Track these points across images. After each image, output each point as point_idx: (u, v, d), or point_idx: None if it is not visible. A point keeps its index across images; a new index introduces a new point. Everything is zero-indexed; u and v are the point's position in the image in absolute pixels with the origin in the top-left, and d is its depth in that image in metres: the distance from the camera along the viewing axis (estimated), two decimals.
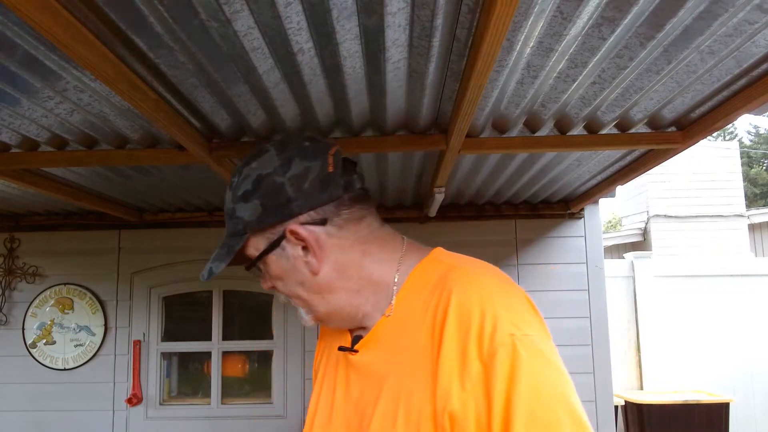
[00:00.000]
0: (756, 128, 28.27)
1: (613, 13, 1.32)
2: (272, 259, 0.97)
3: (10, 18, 1.22)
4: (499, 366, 0.76)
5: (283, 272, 0.97)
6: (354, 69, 1.57)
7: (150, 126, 1.94)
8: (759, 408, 6.50)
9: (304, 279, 0.96)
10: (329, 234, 0.94)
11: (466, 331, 0.80)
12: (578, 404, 0.77)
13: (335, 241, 0.94)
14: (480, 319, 0.80)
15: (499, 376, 0.75)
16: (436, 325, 0.83)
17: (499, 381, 0.75)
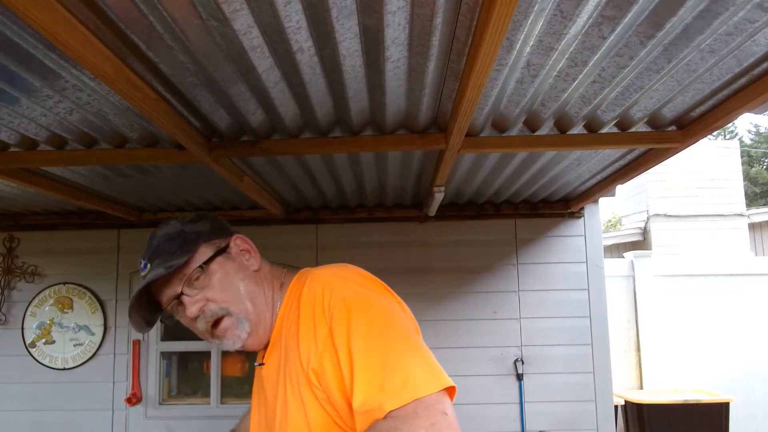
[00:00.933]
0: (756, 127, 28.24)
1: (613, 12, 1.32)
2: (219, 262, 1.18)
3: (9, 18, 1.22)
4: (337, 322, 1.01)
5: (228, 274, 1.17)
6: (353, 68, 1.57)
7: (149, 125, 1.94)
8: (759, 408, 6.49)
9: (246, 277, 1.20)
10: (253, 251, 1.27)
11: (312, 306, 1.07)
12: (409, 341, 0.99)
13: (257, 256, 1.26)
14: (321, 294, 1.07)
15: (338, 330, 1.00)
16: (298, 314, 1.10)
17: (340, 335, 0.99)
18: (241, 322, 1.16)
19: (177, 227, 1.20)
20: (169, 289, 1.17)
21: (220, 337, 1.16)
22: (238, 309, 1.16)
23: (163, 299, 1.19)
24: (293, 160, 2.49)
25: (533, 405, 3.52)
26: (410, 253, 3.65)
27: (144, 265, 1.18)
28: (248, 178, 2.60)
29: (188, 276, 1.15)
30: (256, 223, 3.62)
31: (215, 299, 1.15)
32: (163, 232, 1.20)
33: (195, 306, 1.15)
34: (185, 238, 1.18)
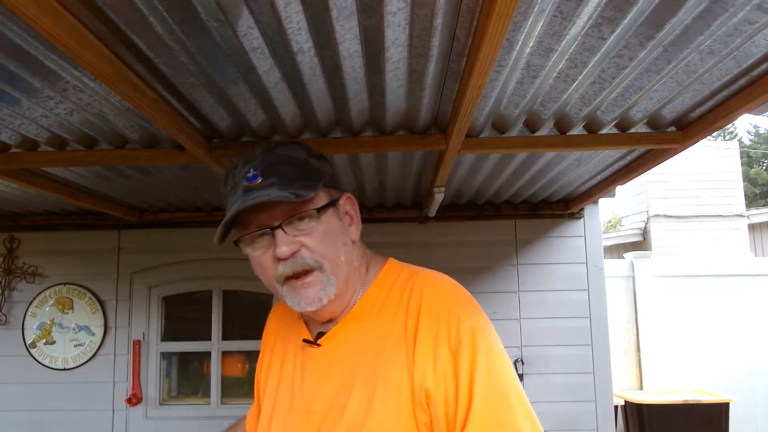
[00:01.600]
0: (756, 128, 28.27)
1: (612, 13, 1.32)
2: (329, 214, 1.06)
3: (10, 18, 1.22)
4: (464, 353, 0.96)
5: (332, 230, 1.05)
6: (354, 69, 1.57)
7: (149, 126, 1.94)
8: (759, 408, 6.49)
9: (346, 242, 1.09)
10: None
11: (436, 322, 0.99)
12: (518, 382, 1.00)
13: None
14: (447, 313, 1.00)
15: (464, 361, 0.96)
16: (410, 320, 1.01)
17: (464, 365, 0.95)
18: (330, 284, 1.04)
19: (302, 153, 1.07)
20: (267, 216, 1.02)
21: (298, 289, 1.03)
22: (332, 268, 1.04)
23: (254, 223, 1.04)
24: None
25: (533, 405, 3.46)
26: (410, 253, 3.65)
27: (253, 176, 1.02)
28: None
29: (298, 213, 1.02)
30: None
31: (313, 249, 1.02)
32: (286, 151, 1.06)
33: (289, 247, 1.01)
34: (309, 171, 1.05)
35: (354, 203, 1.14)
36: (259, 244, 1.05)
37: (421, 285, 1.06)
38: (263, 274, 1.07)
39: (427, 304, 1.01)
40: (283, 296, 1.05)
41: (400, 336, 1.01)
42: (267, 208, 1.01)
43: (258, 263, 1.07)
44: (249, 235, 1.05)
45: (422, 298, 1.03)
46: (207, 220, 3.61)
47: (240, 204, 0.99)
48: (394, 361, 0.99)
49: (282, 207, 1.01)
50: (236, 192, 1.04)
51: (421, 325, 0.99)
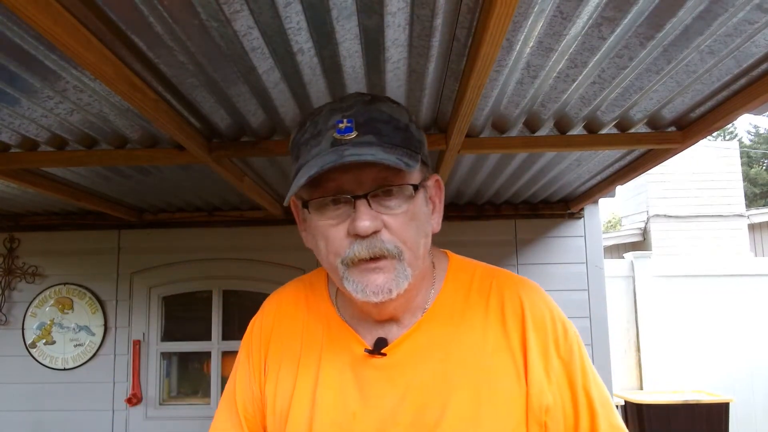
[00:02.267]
0: (756, 128, 28.27)
1: (612, 13, 1.32)
2: (419, 195, 0.89)
3: (10, 18, 1.22)
4: (575, 361, 0.91)
5: (419, 215, 0.89)
6: (354, 69, 1.57)
7: (150, 126, 1.94)
8: (759, 408, 6.49)
9: (428, 232, 0.92)
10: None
11: (544, 332, 0.90)
12: None
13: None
14: (551, 321, 0.92)
15: (576, 370, 0.91)
16: (511, 328, 0.91)
17: (577, 374, 0.91)
18: (404, 276, 0.86)
19: (404, 116, 0.91)
20: (351, 180, 0.84)
21: (367, 274, 0.85)
22: (410, 259, 0.87)
23: (331, 185, 0.84)
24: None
25: None
26: None
27: (347, 128, 0.84)
28: (248, 178, 2.60)
29: (391, 185, 0.84)
30: (257, 223, 3.62)
31: (396, 232, 0.85)
32: (387, 108, 0.89)
33: (372, 222, 0.82)
34: (411, 138, 0.89)
35: (442, 188, 0.98)
36: (331, 213, 0.86)
37: (513, 288, 0.95)
38: (326, 248, 0.87)
39: (531, 311, 0.91)
40: (342, 279, 0.86)
41: (501, 345, 0.90)
42: (354, 170, 0.83)
43: (323, 235, 0.87)
44: (320, 199, 0.86)
45: (522, 303, 0.92)
46: (207, 220, 3.61)
47: (336, 158, 0.80)
48: (500, 374, 0.88)
49: (372, 174, 0.84)
50: (320, 142, 0.85)
51: (529, 335, 0.90)
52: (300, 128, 0.92)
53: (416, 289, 0.93)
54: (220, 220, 3.61)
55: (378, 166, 0.83)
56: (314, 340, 0.97)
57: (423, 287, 0.95)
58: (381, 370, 0.91)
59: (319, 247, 0.90)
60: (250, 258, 3.63)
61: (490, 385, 0.87)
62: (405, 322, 0.94)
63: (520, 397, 0.87)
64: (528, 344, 0.89)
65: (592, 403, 0.90)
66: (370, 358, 0.91)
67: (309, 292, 1.04)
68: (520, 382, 0.88)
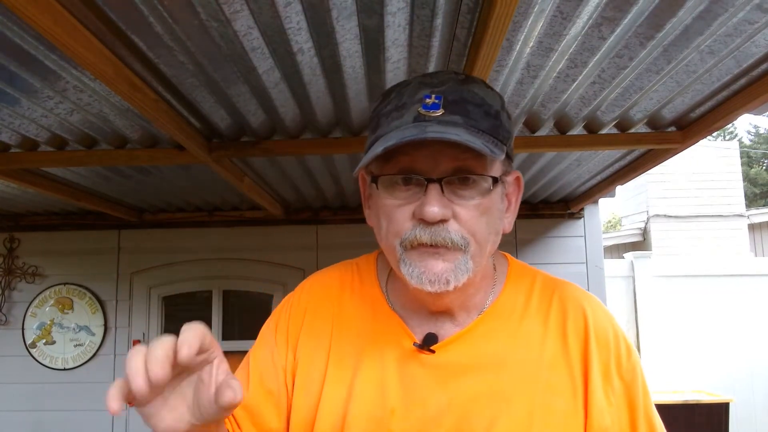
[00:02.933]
0: (756, 128, 28.27)
1: (612, 13, 1.32)
2: (496, 190, 0.83)
3: (10, 18, 1.22)
4: (637, 383, 0.86)
5: (492, 210, 0.83)
6: (354, 69, 1.57)
7: (150, 126, 1.94)
8: (759, 408, 6.49)
9: (498, 230, 0.86)
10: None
11: (607, 351, 0.86)
12: None
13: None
14: (615, 339, 0.87)
15: (638, 392, 0.86)
16: (573, 343, 0.86)
17: (639, 397, 0.85)
18: (465, 269, 0.80)
19: (497, 101, 0.83)
20: (427, 160, 0.78)
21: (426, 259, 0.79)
22: (475, 254, 0.81)
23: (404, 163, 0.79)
24: (294, 161, 2.49)
25: None
26: None
27: (434, 105, 0.78)
28: (248, 178, 2.60)
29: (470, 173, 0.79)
30: (257, 223, 3.62)
31: (465, 224, 0.79)
32: (480, 91, 0.82)
33: (441, 210, 0.77)
34: (500, 126, 0.82)
35: (521, 188, 0.91)
36: (400, 193, 0.80)
37: (577, 300, 0.90)
38: (388, 227, 0.82)
39: (595, 327, 0.87)
40: (399, 261, 0.81)
41: (560, 359, 0.85)
42: (433, 150, 0.78)
43: (386, 214, 0.82)
44: (390, 177, 0.80)
45: (587, 317, 0.87)
46: (207, 220, 3.61)
47: (417, 133, 0.75)
48: (556, 390, 0.83)
49: (451, 157, 0.78)
50: (402, 115, 0.79)
51: (592, 352, 0.85)
52: (384, 98, 0.86)
53: (476, 287, 0.88)
54: (220, 220, 3.61)
55: (459, 150, 0.77)
56: (356, 327, 0.91)
57: (483, 287, 0.90)
58: (429, 368, 0.85)
59: (380, 226, 0.84)
60: (250, 258, 3.63)
61: (545, 401, 0.82)
62: (460, 320, 0.88)
63: (575, 416, 0.82)
64: (590, 362, 0.84)
65: (654, 428, 0.86)
66: (417, 353, 0.85)
67: (356, 275, 0.97)
68: (576, 401, 0.83)
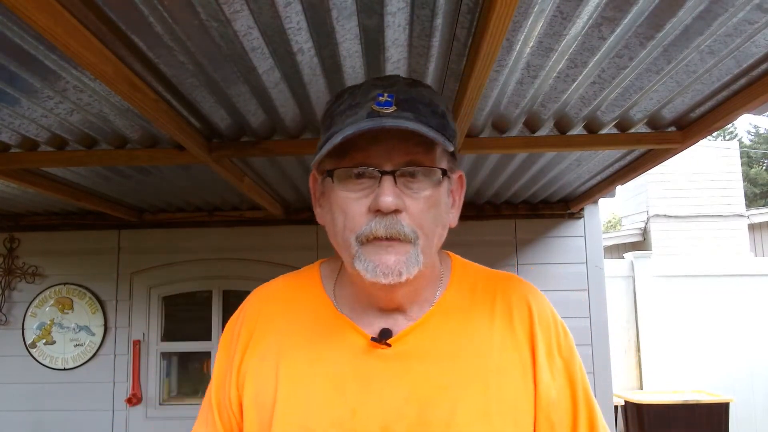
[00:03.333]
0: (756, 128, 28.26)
1: (612, 13, 1.32)
2: (443, 185, 0.89)
3: (10, 18, 1.22)
4: (575, 363, 0.95)
5: (439, 204, 0.89)
6: (354, 69, 1.57)
7: (150, 126, 1.94)
8: (759, 408, 6.49)
9: (445, 224, 0.93)
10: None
11: (548, 333, 0.94)
12: None
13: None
14: (554, 324, 0.95)
15: (576, 369, 0.94)
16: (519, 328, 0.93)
17: (577, 373, 0.94)
18: (416, 262, 0.85)
19: (442, 103, 0.90)
20: (381, 154, 0.83)
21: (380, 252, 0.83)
22: (424, 246, 0.86)
23: (359, 158, 0.84)
24: (294, 161, 2.49)
25: None
26: None
27: (387, 102, 0.83)
28: (248, 178, 2.60)
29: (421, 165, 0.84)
30: (256, 223, 3.62)
31: (415, 217, 0.84)
32: (428, 93, 0.88)
33: (394, 200, 0.82)
34: (446, 125, 0.88)
35: (464, 186, 0.99)
36: (355, 186, 0.85)
37: (519, 290, 0.97)
38: (344, 222, 0.86)
39: (538, 312, 0.94)
40: (354, 257, 0.85)
41: (508, 343, 0.91)
42: (386, 144, 0.83)
43: (342, 208, 0.86)
44: (346, 170, 0.85)
45: (530, 305, 0.95)
46: (207, 220, 3.61)
47: (374, 124, 0.80)
48: (508, 371, 0.89)
49: (403, 151, 0.84)
50: (356, 112, 0.84)
51: (537, 335, 0.92)
52: (336, 99, 0.91)
53: (426, 280, 0.93)
54: (220, 220, 3.61)
55: (410, 143, 0.83)
56: (306, 336, 0.93)
57: (431, 281, 0.96)
58: (385, 361, 0.88)
59: (335, 222, 0.88)
60: (250, 258, 3.63)
61: (499, 382, 0.88)
62: (412, 314, 0.92)
63: (527, 393, 0.89)
64: (536, 344, 0.92)
65: (590, 400, 0.95)
66: (373, 349, 0.88)
67: (299, 286, 1.01)
68: (526, 380, 0.90)
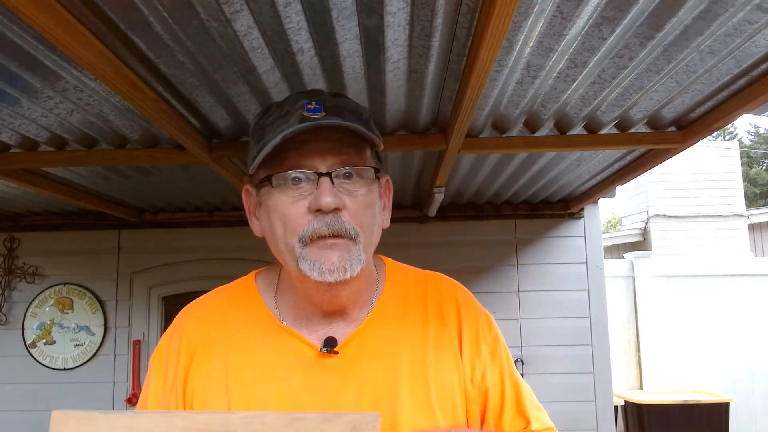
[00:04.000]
0: (756, 128, 28.21)
1: (612, 13, 1.32)
2: (375, 187, 0.94)
3: (10, 18, 1.22)
4: (500, 349, 1.01)
5: (373, 204, 0.93)
6: (354, 69, 1.57)
7: (150, 126, 1.94)
8: (759, 408, 6.49)
9: (380, 224, 0.97)
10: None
11: (475, 327, 1.00)
12: None
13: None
14: (480, 317, 1.03)
15: (502, 356, 1.01)
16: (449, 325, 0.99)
17: (504, 359, 1.01)
18: (358, 259, 0.88)
19: (365, 112, 0.95)
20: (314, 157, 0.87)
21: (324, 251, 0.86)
22: (364, 244, 0.90)
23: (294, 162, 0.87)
24: None
25: None
26: (410, 253, 3.60)
27: (316, 110, 0.87)
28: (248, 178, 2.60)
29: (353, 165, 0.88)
30: None
31: (354, 215, 0.88)
32: (351, 102, 0.94)
33: (334, 199, 0.85)
34: (371, 129, 0.92)
35: (391, 189, 1.03)
36: (292, 191, 0.87)
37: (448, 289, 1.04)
38: (284, 227, 0.88)
39: (465, 309, 1.01)
40: (298, 259, 0.87)
41: (442, 340, 0.97)
42: (318, 149, 0.87)
43: (281, 213, 0.88)
44: (282, 174, 0.87)
45: (458, 303, 1.02)
46: (207, 220, 3.61)
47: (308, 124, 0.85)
48: (443, 364, 0.95)
49: (335, 153, 0.87)
50: (287, 120, 0.87)
51: (464, 329, 0.99)
52: (264, 113, 0.94)
53: (365, 281, 0.97)
54: (220, 220, 3.61)
55: (342, 144, 0.88)
56: (251, 351, 0.92)
57: (370, 283, 1.00)
58: (334, 369, 0.91)
59: (274, 228, 0.90)
60: (250, 258, 3.62)
61: (437, 376, 0.94)
62: (354, 316, 0.96)
63: (460, 383, 0.96)
64: (463, 336, 0.99)
65: (516, 382, 1.00)
66: (321, 359, 0.91)
67: (236, 301, 1.01)
68: (459, 370, 0.97)
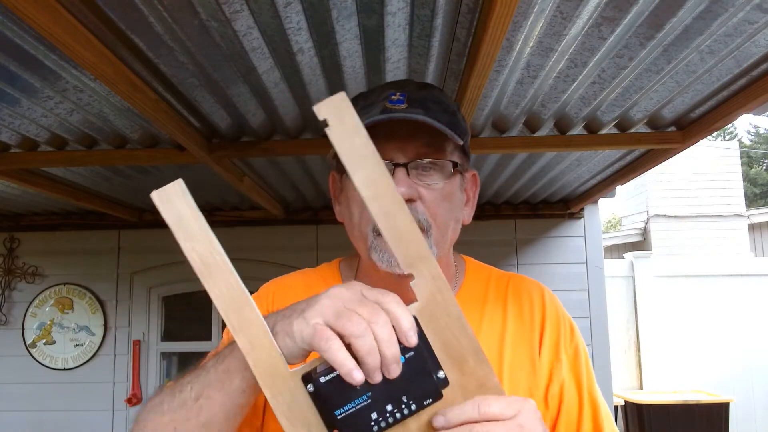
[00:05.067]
0: (756, 128, 28.24)
1: (612, 13, 1.32)
2: (456, 180, 0.92)
3: (10, 18, 1.22)
4: (581, 358, 0.98)
5: (453, 197, 0.91)
6: (354, 69, 1.57)
7: (150, 126, 1.94)
8: (759, 408, 6.49)
9: (458, 219, 0.94)
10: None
11: (557, 332, 0.98)
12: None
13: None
14: (564, 322, 1.00)
15: (582, 369, 0.97)
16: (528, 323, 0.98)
17: (584, 369, 0.97)
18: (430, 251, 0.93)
19: (453, 104, 0.94)
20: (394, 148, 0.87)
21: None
22: (437, 237, 0.89)
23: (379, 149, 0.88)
24: (293, 161, 2.49)
25: None
26: None
27: (399, 101, 0.87)
28: (248, 178, 2.60)
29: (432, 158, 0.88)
30: (257, 223, 3.62)
31: (430, 206, 0.87)
32: (438, 94, 0.93)
33: (408, 189, 0.85)
34: (457, 123, 0.90)
35: (477, 185, 1.01)
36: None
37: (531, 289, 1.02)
38: (360, 215, 0.90)
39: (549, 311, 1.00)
40: (369, 248, 0.88)
41: (519, 340, 0.96)
42: (399, 140, 0.87)
43: (358, 201, 0.88)
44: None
45: (543, 303, 1.00)
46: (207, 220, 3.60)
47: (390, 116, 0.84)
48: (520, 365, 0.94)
49: (416, 146, 0.87)
50: (370, 111, 0.88)
51: (546, 332, 0.98)
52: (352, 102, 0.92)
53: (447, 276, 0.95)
54: (220, 220, 3.61)
55: (423, 140, 0.87)
56: None
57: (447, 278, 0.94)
58: None
59: (352, 216, 0.92)
60: (250, 258, 3.63)
61: (511, 377, 0.93)
62: None
63: (536, 388, 0.94)
64: (543, 340, 0.96)
65: (595, 401, 0.96)
66: None
67: (320, 278, 1.03)
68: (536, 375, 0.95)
